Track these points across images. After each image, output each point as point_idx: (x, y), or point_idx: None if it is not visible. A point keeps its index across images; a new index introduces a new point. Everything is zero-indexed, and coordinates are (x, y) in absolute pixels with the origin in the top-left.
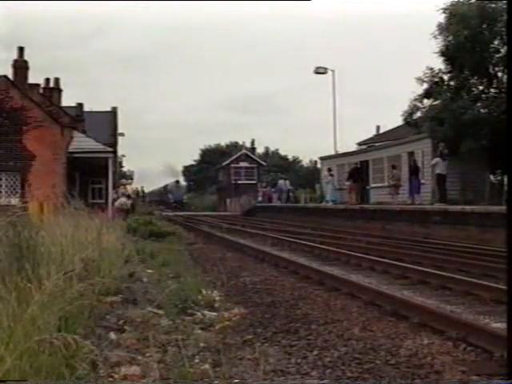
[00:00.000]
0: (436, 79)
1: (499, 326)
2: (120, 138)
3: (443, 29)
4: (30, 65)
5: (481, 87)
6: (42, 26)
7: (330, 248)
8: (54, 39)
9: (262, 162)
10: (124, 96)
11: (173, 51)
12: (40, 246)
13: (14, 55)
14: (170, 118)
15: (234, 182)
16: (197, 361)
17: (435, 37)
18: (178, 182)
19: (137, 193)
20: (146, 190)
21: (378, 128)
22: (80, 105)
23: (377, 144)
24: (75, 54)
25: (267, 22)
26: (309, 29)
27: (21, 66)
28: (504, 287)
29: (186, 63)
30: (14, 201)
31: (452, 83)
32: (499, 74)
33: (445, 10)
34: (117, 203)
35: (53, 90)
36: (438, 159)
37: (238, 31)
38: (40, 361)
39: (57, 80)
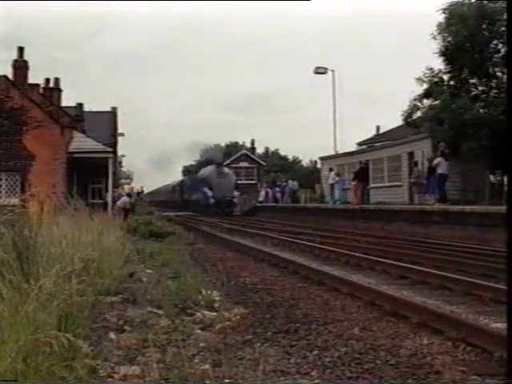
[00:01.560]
0: (436, 79)
1: (499, 326)
2: (120, 138)
3: (443, 29)
4: (30, 65)
5: (480, 87)
6: (42, 26)
7: (330, 248)
8: (53, 39)
9: (262, 162)
10: (124, 96)
11: (173, 51)
12: (40, 246)
13: (14, 55)
14: (170, 118)
15: None
16: (197, 361)
17: (435, 37)
18: (219, 166)
19: (137, 193)
20: (146, 190)
21: (378, 128)
22: (80, 105)
23: (377, 144)
24: (75, 54)
25: (267, 21)
26: (309, 28)
27: (20, 66)
28: (504, 287)
29: (186, 63)
30: (14, 201)
31: (452, 83)
32: (499, 74)
33: (444, 10)
34: (119, 202)
35: (53, 90)
36: (440, 159)
37: (237, 31)
38: (37, 361)
39: (57, 80)
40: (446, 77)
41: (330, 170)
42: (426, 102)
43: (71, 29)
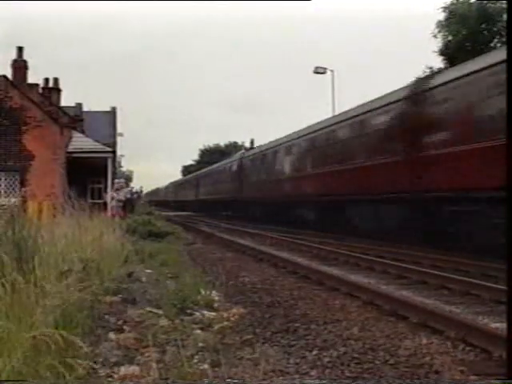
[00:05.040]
0: None
1: (498, 325)
2: (119, 138)
3: (443, 28)
4: (30, 65)
5: None
6: (42, 26)
7: (329, 248)
8: (53, 39)
9: None
10: (124, 96)
11: (173, 51)
12: (39, 246)
13: (14, 55)
14: (170, 118)
15: None
16: (196, 361)
17: (435, 36)
18: None
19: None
20: (145, 190)
21: None
22: (79, 105)
23: None
24: (75, 54)
25: (267, 22)
26: (309, 29)
27: (20, 65)
28: (503, 287)
29: (186, 63)
30: (13, 200)
31: None
32: None
33: (445, 8)
34: (114, 201)
35: (52, 90)
36: None
37: (238, 31)
38: (37, 361)
39: (56, 80)
40: None
41: None
42: None
43: (71, 29)
